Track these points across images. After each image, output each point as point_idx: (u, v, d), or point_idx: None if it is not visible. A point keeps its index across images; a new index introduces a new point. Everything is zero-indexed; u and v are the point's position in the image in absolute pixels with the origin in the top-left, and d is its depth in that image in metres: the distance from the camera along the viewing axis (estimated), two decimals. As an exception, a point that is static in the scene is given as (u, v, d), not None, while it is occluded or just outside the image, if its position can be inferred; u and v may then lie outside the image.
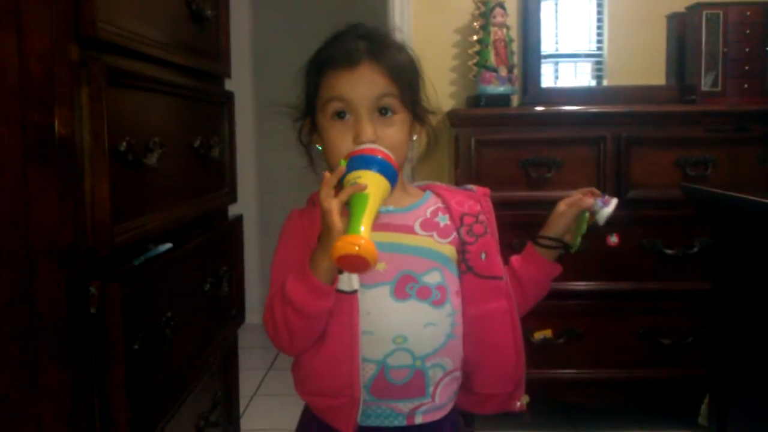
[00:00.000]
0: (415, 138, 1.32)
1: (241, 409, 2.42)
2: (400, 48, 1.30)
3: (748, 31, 2.76)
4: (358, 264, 1.08)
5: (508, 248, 2.42)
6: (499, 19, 2.80)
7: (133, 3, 1.29)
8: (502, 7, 2.81)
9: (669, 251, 2.50)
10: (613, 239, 2.54)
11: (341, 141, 1.23)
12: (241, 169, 2.03)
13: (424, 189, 1.35)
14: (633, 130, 2.51)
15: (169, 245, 1.45)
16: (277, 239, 1.32)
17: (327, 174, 1.15)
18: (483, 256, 1.27)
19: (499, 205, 1.36)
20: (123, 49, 1.23)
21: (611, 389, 2.60)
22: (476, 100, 2.78)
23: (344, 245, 1.06)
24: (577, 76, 3.33)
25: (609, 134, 2.50)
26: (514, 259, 1.37)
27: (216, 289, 1.68)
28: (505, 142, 2.53)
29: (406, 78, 1.26)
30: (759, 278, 1.61)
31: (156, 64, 1.40)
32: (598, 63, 3.20)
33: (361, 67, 1.23)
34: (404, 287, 1.22)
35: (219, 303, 1.72)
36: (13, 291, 1.09)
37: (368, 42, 1.26)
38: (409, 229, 1.26)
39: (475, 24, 2.85)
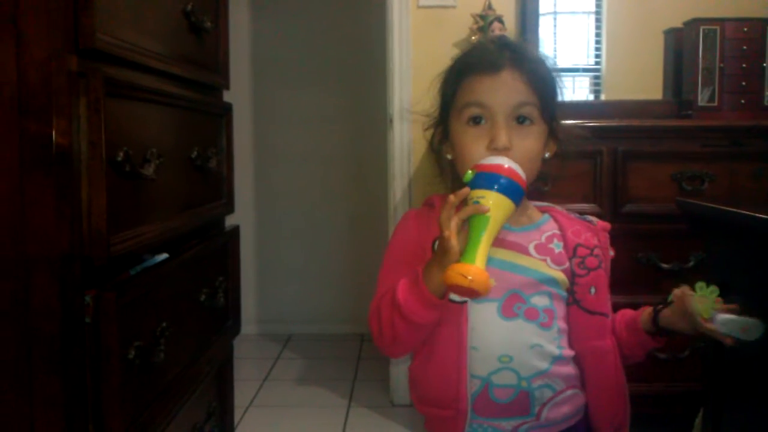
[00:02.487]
0: (547, 155, 1.29)
1: (236, 420, 2.41)
2: (542, 60, 1.29)
3: (744, 47, 2.77)
4: (469, 293, 1.08)
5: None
6: (497, 33, 2.81)
7: (132, 14, 1.30)
8: (501, 21, 2.83)
9: (665, 265, 2.51)
10: (609, 252, 2.55)
11: (474, 146, 1.20)
12: (238, 180, 2.03)
13: (543, 210, 1.33)
14: (630, 145, 2.52)
15: (165, 255, 1.45)
16: (391, 237, 1.31)
17: (451, 197, 1.12)
18: (592, 290, 1.25)
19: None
20: (121, 60, 1.24)
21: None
22: (474, 113, 2.78)
23: (456, 276, 1.05)
24: (575, 90, 3.34)
25: (606, 148, 2.51)
26: (621, 315, 1.33)
27: (212, 300, 1.68)
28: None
29: (545, 88, 1.24)
30: (753, 293, 1.61)
31: (154, 76, 1.40)
32: (596, 78, 3.21)
33: (503, 73, 1.21)
34: (512, 306, 1.21)
35: (214, 313, 1.73)
36: (9, 299, 1.09)
37: (511, 51, 1.24)
38: (523, 250, 1.24)
39: (473, 38, 2.86)
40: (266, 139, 4.22)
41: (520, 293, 1.21)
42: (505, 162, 1.15)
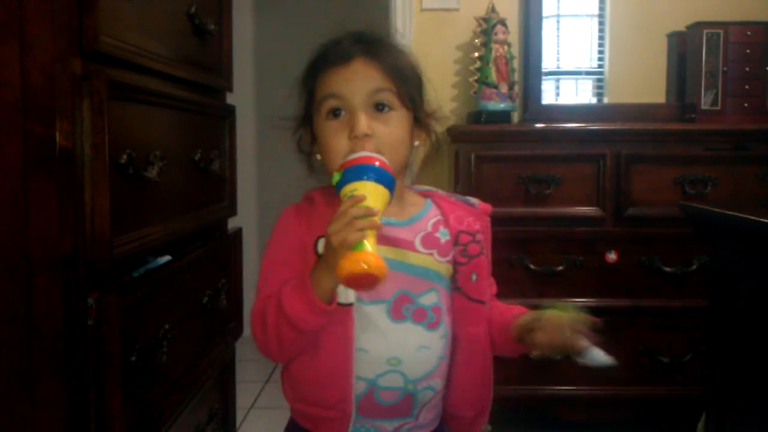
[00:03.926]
0: (417, 144, 1.28)
1: (238, 421, 2.41)
2: (398, 49, 1.28)
3: (748, 51, 2.77)
4: (367, 281, 1.05)
5: (506, 263, 2.42)
6: (500, 36, 2.81)
7: (136, 17, 1.30)
8: (504, 24, 2.83)
9: (667, 269, 2.50)
10: (612, 256, 2.55)
11: (336, 139, 1.19)
12: (241, 183, 2.03)
13: (424, 195, 1.31)
14: (633, 148, 2.52)
15: (168, 258, 1.45)
16: (270, 235, 1.28)
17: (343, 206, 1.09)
18: (474, 277, 1.24)
19: (497, 221, 1.34)
20: (125, 62, 1.24)
21: (609, 406, 2.59)
22: (477, 116, 2.79)
23: (351, 264, 1.03)
24: (578, 93, 3.34)
25: (609, 152, 2.51)
26: (503, 310, 1.30)
27: (214, 302, 1.68)
28: (505, 159, 2.54)
29: (403, 75, 1.23)
30: (755, 297, 1.61)
31: (158, 78, 1.41)
32: (599, 81, 3.21)
33: (354, 63, 1.21)
34: (401, 308, 1.20)
35: (217, 316, 1.73)
36: (11, 301, 1.09)
37: (363, 43, 1.24)
38: (410, 245, 1.22)
39: (476, 41, 2.86)
40: (269, 142, 4.22)
41: (409, 293, 1.20)
42: (367, 153, 1.14)
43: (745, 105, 2.77)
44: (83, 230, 1.12)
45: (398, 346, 1.20)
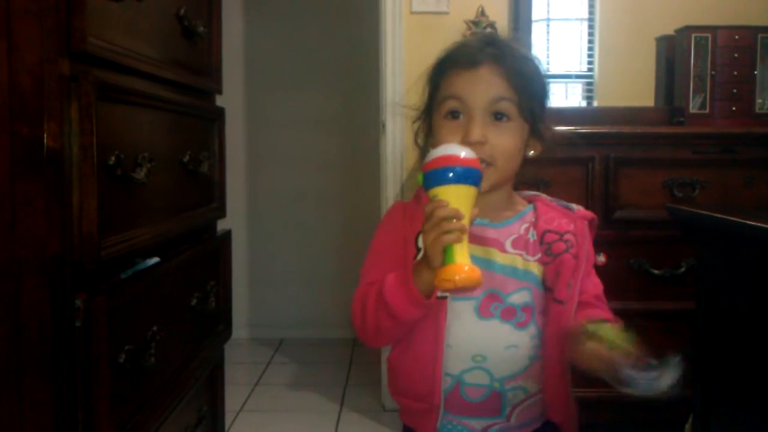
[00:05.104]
0: (531, 153, 1.29)
1: (227, 424, 2.41)
2: (527, 59, 1.28)
3: (736, 55, 2.78)
4: (461, 292, 1.09)
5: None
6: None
7: (125, 18, 1.30)
8: (494, 27, 2.84)
9: (656, 271, 2.51)
10: (600, 259, 2.55)
11: (449, 140, 1.19)
12: (230, 185, 2.03)
13: (529, 200, 1.33)
14: (621, 151, 2.53)
15: (156, 259, 1.45)
16: (378, 226, 1.31)
17: (427, 209, 1.09)
18: (557, 276, 1.23)
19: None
20: (113, 64, 1.24)
21: (598, 408, 2.59)
22: (466, 119, 2.79)
23: (442, 282, 1.05)
24: (567, 96, 3.36)
25: (597, 155, 2.52)
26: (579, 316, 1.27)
27: (203, 304, 1.68)
28: (494, 161, 2.54)
29: (526, 86, 1.23)
30: (742, 299, 1.62)
31: (147, 80, 1.40)
32: (589, 84, 3.23)
33: (481, 68, 1.21)
34: (489, 306, 1.21)
35: (206, 317, 1.72)
36: (-1, 303, 1.09)
37: (493, 47, 1.24)
38: (499, 246, 1.23)
39: (466, 43, 2.87)
40: (258, 144, 4.22)
41: (498, 292, 1.21)
42: (445, 150, 1.12)
43: (733, 109, 2.78)
44: (71, 231, 1.12)
45: (484, 343, 1.21)
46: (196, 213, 1.69)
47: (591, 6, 3.18)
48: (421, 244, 1.15)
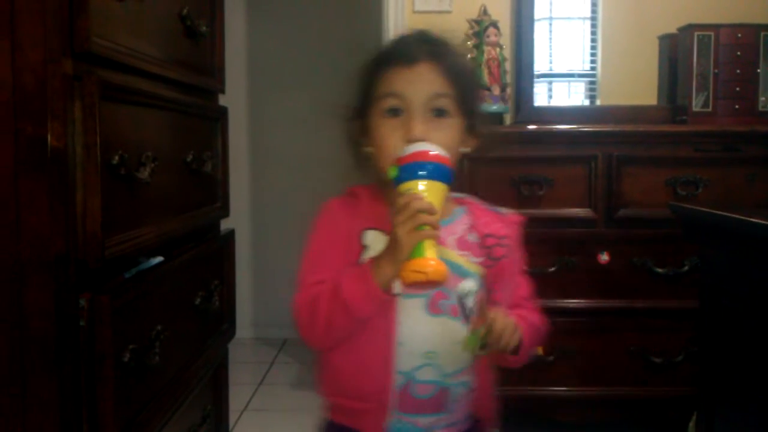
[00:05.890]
0: (466, 150, 1.30)
1: (231, 424, 2.41)
2: (461, 55, 1.30)
3: (739, 53, 2.78)
4: (428, 286, 1.10)
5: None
6: (492, 38, 2.82)
7: (128, 18, 1.31)
8: (496, 26, 2.84)
9: (659, 270, 2.51)
10: (604, 257, 2.56)
11: (391, 138, 1.20)
12: (234, 184, 2.04)
13: (459, 202, 1.33)
14: (624, 150, 2.53)
15: (160, 259, 1.45)
16: (314, 225, 1.30)
17: (400, 201, 1.10)
18: (496, 279, 1.25)
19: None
20: (117, 63, 1.24)
21: (601, 407, 2.60)
22: (469, 118, 2.79)
23: (412, 274, 1.06)
24: (570, 95, 3.36)
25: (600, 153, 2.52)
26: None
27: (207, 303, 1.68)
28: (497, 160, 2.54)
29: (463, 82, 1.24)
30: (745, 297, 1.62)
31: (150, 79, 1.41)
32: (591, 83, 3.22)
33: (419, 65, 1.21)
34: (438, 303, 1.21)
35: (210, 317, 1.73)
36: (3, 301, 1.09)
37: (429, 44, 1.24)
38: (444, 244, 1.22)
39: (468, 43, 2.87)
40: (262, 143, 4.23)
41: (446, 289, 1.21)
42: (424, 147, 1.14)
43: (736, 107, 2.78)
44: (75, 231, 1.12)
45: (434, 339, 1.21)
46: (199, 212, 1.69)
47: (593, 4, 3.17)
48: (367, 240, 1.17)
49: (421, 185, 1.10)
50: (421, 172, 1.11)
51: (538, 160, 2.54)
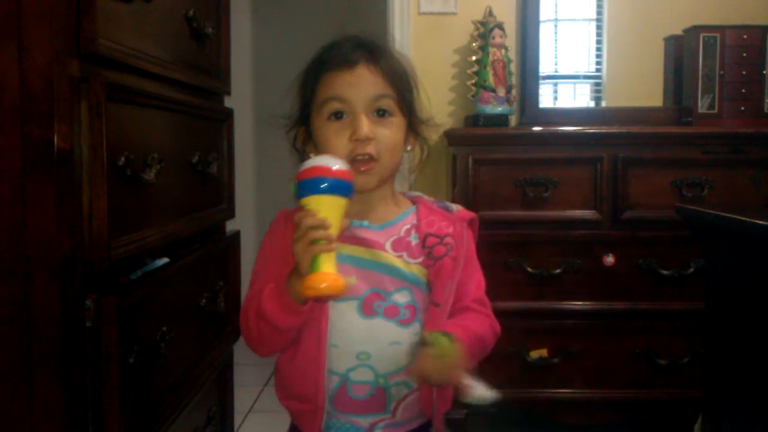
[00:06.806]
0: (409, 149, 1.32)
1: (236, 425, 2.41)
2: (397, 56, 1.31)
3: (744, 54, 2.78)
4: (326, 298, 1.14)
5: (503, 266, 2.42)
6: (498, 40, 2.82)
7: (134, 20, 1.31)
8: (501, 28, 2.83)
9: (665, 272, 2.51)
10: (609, 259, 2.55)
11: (336, 140, 1.22)
12: (239, 186, 2.04)
13: (413, 201, 1.34)
14: (630, 151, 2.53)
15: (166, 260, 1.45)
16: (265, 234, 1.31)
17: (295, 218, 1.13)
18: (436, 278, 1.25)
19: (495, 224, 1.35)
20: (123, 65, 1.25)
21: (606, 409, 2.59)
22: (474, 119, 2.79)
23: (308, 290, 1.08)
24: (576, 97, 3.35)
25: (606, 155, 2.52)
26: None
27: (212, 305, 1.68)
28: (502, 162, 2.54)
29: (402, 82, 1.27)
30: (751, 299, 1.62)
31: (156, 81, 1.41)
32: (597, 84, 3.22)
33: (359, 68, 1.24)
34: (372, 304, 1.22)
35: (215, 318, 1.73)
36: (10, 302, 1.09)
37: (366, 48, 1.27)
38: (380, 247, 1.25)
39: (474, 44, 2.87)
40: (267, 145, 4.23)
41: (380, 291, 1.23)
42: (318, 161, 1.15)
43: (742, 108, 2.78)
44: (81, 232, 1.12)
45: (367, 340, 1.23)
46: (205, 214, 1.69)
47: (599, 6, 3.17)
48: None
49: (315, 201, 1.12)
50: (318, 187, 1.12)
51: (544, 162, 2.54)
